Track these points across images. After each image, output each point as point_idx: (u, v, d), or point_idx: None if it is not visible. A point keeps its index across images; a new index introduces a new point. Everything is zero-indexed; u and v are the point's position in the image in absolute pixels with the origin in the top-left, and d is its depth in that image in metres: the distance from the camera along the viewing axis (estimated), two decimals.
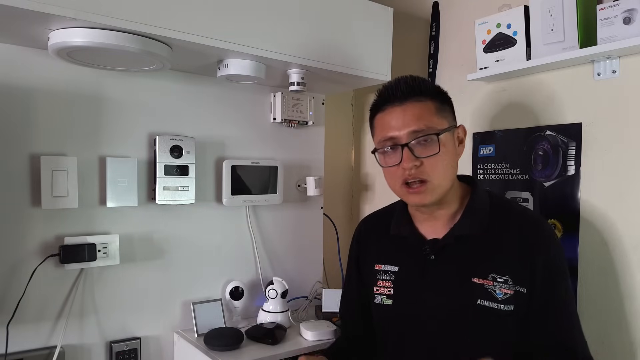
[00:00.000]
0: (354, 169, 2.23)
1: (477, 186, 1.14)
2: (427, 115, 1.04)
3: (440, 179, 1.04)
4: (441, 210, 1.10)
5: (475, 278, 1.03)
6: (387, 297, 1.13)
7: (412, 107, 1.04)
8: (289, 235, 1.87)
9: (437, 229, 1.11)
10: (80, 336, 1.44)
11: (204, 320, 1.57)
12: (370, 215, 1.34)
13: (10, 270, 1.33)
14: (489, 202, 1.11)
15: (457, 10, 1.71)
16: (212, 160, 1.67)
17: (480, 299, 1.02)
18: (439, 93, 1.09)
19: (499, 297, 1.01)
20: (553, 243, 1.06)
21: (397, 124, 1.04)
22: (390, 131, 1.05)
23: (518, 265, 1.03)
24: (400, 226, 1.16)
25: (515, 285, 1.02)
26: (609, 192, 1.28)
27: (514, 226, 1.06)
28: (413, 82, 1.07)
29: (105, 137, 1.46)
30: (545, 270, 1.02)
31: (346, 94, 2.20)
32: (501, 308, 1.01)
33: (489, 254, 1.05)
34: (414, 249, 1.12)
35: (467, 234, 1.06)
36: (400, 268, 1.13)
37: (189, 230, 1.63)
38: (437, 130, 1.03)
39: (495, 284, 1.02)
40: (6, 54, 1.31)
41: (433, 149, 1.02)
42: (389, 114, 1.06)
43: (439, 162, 1.03)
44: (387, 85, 1.10)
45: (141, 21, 1.18)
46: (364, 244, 1.26)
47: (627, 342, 1.24)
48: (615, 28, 1.17)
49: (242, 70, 1.44)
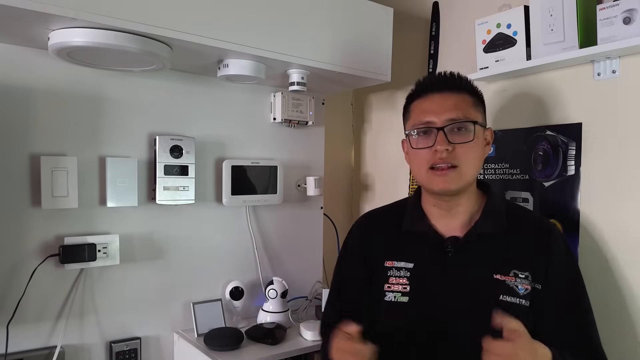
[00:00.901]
0: (354, 169, 2.23)
1: (493, 191, 1.17)
2: (465, 106, 1.08)
3: (469, 167, 1.07)
4: (459, 206, 1.12)
5: (497, 275, 1.06)
6: (402, 294, 1.11)
7: (451, 97, 1.08)
8: (289, 235, 1.87)
9: (455, 227, 1.12)
10: (80, 336, 1.44)
11: (204, 320, 1.57)
12: (372, 211, 1.31)
13: (10, 270, 1.33)
14: (505, 204, 1.15)
15: (457, 10, 1.71)
16: (212, 160, 1.67)
17: (502, 294, 1.04)
18: (475, 91, 1.13)
19: (521, 292, 1.04)
20: (564, 244, 1.10)
21: (435, 110, 1.07)
22: (427, 116, 1.08)
23: (535, 264, 1.06)
24: (415, 222, 1.16)
25: (533, 282, 1.05)
26: (609, 192, 1.28)
27: (529, 229, 1.10)
28: (454, 75, 1.12)
29: (105, 137, 1.46)
30: (561, 267, 1.06)
31: (346, 94, 2.20)
32: (522, 303, 1.04)
33: (508, 253, 1.08)
34: (432, 245, 1.12)
35: (489, 233, 1.09)
36: (415, 265, 1.12)
37: (189, 230, 1.63)
38: (473, 119, 1.07)
39: (517, 279, 1.05)
40: (6, 54, 1.31)
41: (467, 137, 1.06)
42: (428, 100, 1.10)
43: (470, 151, 1.06)
44: (428, 76, 1.15)
45: (141, 21, 1.18)
46: (369, 240, 1.23)
47: (628, 342, 1.24)
48: (615, 28, 1.17)
49: (242, 70, 1.44)
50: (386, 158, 2.04)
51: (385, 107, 2.04)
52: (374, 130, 2.12)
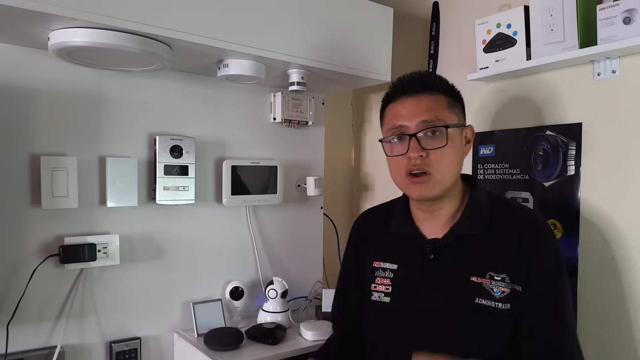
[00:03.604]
0: (354, 169, 2.23)
1: (477, 186, 1.14)
2: (439, 108, 1.05)
3: (444, 172, 1.04)
4: (442, 209, 1.10)
5: (474, 277, 1.03)
6: (384, 294, 1.13)
7: (424, 99, 1.06)
8: (289, 235, 1.87)
9: (438, 229, 1.11)
10: (80, 336, 1.44)
11: (204, 320, 1.57)
12: (370, 210, 1.32)
13: (10, 270, 1.33)
14: (489, 201, 1.11)
15: (457, 10, 1.71)
16: (212, 160, 1.67)
17: (478, 297, 1.02)
18: (451, 90, 1.10)
19: (497, 295, 1.01)
20: (551, 244, 1.05)
21: (407, 113, 1.05)
22: (400, 120, 1.06)
23: (515, 264, 1.02)
24: (401, 225, 1.16)
25: (512, 284, 1.01)
26: (609, 192, 1.28)
27: (513, 226, 1.06)
28: (427, 76, 1.09)
29: (105, 137, 1.46)
30: (542, 271, 1.02)
31: (346, 94, 2.20)
32: (498, 307, 1.01)
33: (488, 254, 1.05)
34: (414, 248, 1.12)
35: (467, 234, 1.06)
36: (399, 266, 1.13)
37: (189, 230, 1.63)
38: (447, 123, 1.04)
39: (492, 282, 1.02)
40: (6, 54, 1.31)
41: (440, 142, 1.03)
42: (401, 104, 1.08)
43: (444, 156, 1.03)
44: (402, 78, 1.12)
45: (141, 21, 1.18)
46: (363, 239, 1.25)
47: (627, 342, 1.24)
48: (615, 28, 1.17)
49: (242, 70, 1.44)
50: (386, 158, 2.04)
51: None
52: (374, 130, 2.12)
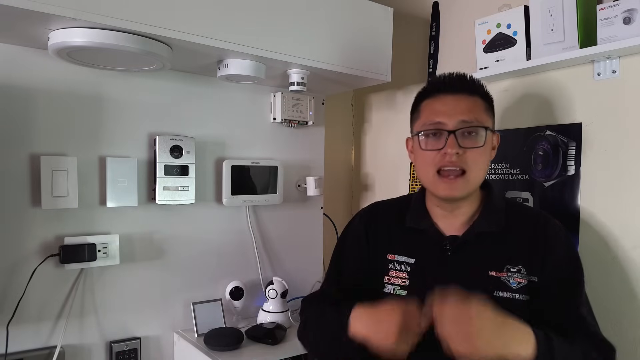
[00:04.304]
0: (354, 169, 2.23)
1: (493, 188, 1.17)
2: (478, 110, 1.06)
3: (477, 172, 1.06)
4: (461, 208, 1.12)
5: (492, 272, 1.06)
6: (400, 287, 1.13)
7: (464, 99, 1.06)
8: (289, 235, 1.87)
9: (456, 226, 1.12)
10: (80, 336, 1.44)
11: (204, 320, 1.57)
12: (378, 203, 1.30)
13: (10, 270, 1.33)
14: (504, 203, 1.15)
15: (457, 10, 1.71)
16: (212, 160, 1.67)
17: (496, 290, 1.05)
18: (488, 95, 1.12)
19: (513, 286, 1.04)
20: (564, 237, 1.09)
21: (448, 111, 1.05)
22: (439, 116, 1.06)
23: (530, 257, 1.06)
24: (419, 220, 1.16)
25: (529, 275, 1.05)
26: (609, 192, 1.28)
27: (528, 225, 1.10)
28: (469, 78, 1.10)
29: (105, 137, 1.46)
30: (558, 260, 1.05)
31: (346, 94, 2.20)
32: (516, 297, 1.03)
33: (505, 250, 1.08)
34: (432, 243, 1.12)
35: (487, 231, 1.09)
36: (416, 260, 1.13)
37: (189, 230, 1.63)
38: (485, 125, 1.06)
39: (509, 274, 1.05)
40: (6, 54, 1.31)
41: (478, 142, 1.05)
42: (440, 101, 1.08)
43: (480, 156, 1.05)
44: (442, 75, 1.12)
45: (141, 21, 1.18)
46: (374, 229, 1.22)
47: (628, 342, 1.24)
48: (615, 28, 1.17)
49: (242, 70, 1.44)
50: (386, 158, 2.04)
51: (385, 107, 2.04)
52: (374, 130, 2.12)
